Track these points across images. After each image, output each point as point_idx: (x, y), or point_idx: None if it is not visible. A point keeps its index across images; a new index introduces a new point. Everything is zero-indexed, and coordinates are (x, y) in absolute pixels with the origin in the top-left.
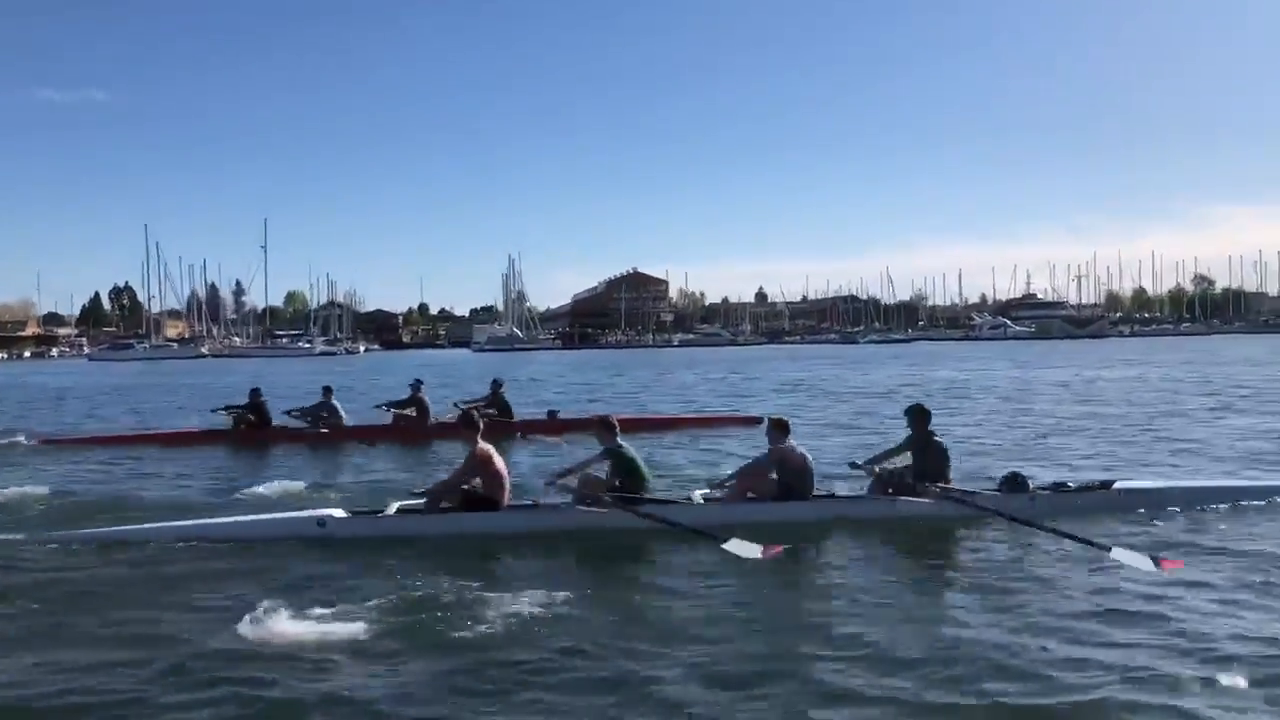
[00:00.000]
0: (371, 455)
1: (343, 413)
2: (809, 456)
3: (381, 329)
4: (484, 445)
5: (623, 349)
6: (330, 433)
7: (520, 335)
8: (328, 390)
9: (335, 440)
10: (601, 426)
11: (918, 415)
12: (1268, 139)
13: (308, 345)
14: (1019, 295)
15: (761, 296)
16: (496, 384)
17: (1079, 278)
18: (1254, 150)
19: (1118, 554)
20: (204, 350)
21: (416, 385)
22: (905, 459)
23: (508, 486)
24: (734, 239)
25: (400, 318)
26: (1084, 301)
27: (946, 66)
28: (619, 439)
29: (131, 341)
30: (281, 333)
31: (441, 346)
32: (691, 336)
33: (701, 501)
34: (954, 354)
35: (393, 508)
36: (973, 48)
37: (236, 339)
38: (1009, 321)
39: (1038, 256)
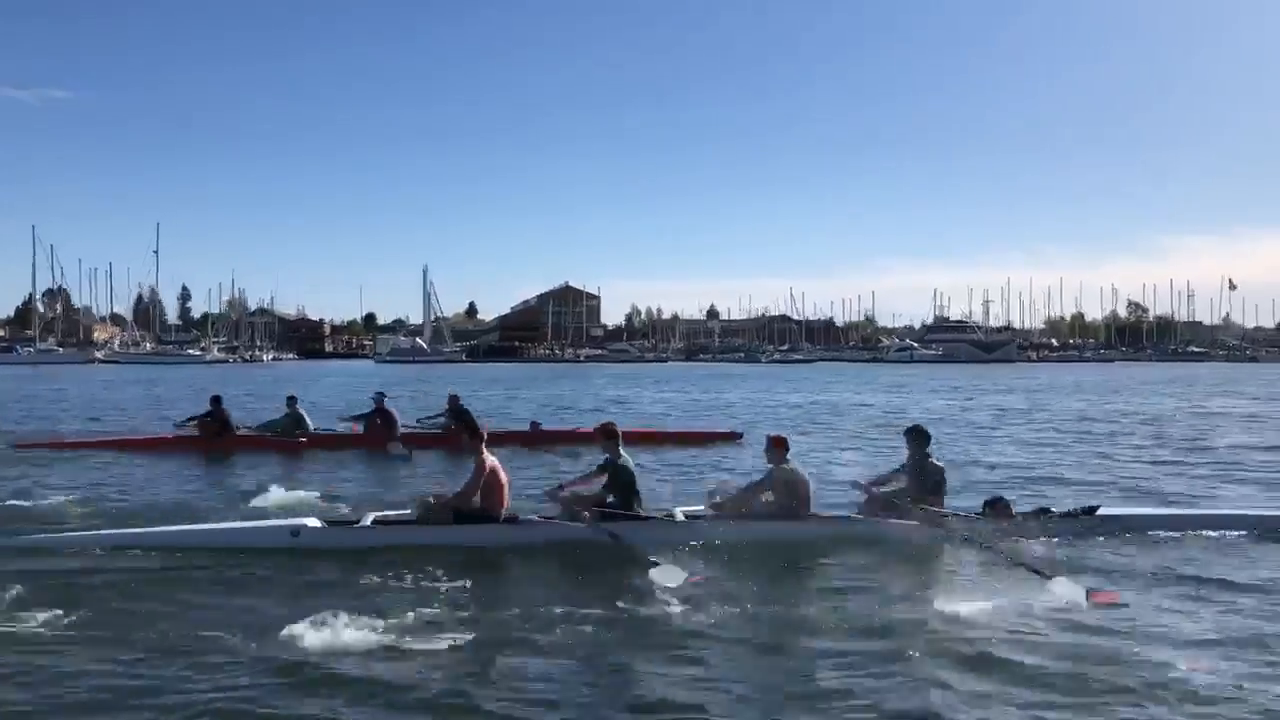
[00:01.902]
0: (338, 464)
1: (309, 421)
2: (808, 478)
3: (307, 338)
4: (488, 455)
5: (532, 363)
6: (294, 442)
7: (424, 347)
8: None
9: (300, 449)
10: (604, 435)
11: (915, 436)
12: (1219, 169)
13: (198, 353)
14: (948, 319)
15: (713, 314)
16: (454, 398)
17: (987, 303)
18: (1207, 180)
19: (1056, 585)
20: (98, 355)
21: (379, 397)
22: (901, 481)
23: (507, 498)
24: (711, 256)
25: (328, 326)
26: (1023, 326)
27: (917, 93)
28: (621, 449)
29: (15, 345)
30: (174, 340)
31: (365, 357)
32: (600, 352)
33: (681, 518)
34: (817, 375)
35: (368, 518)
36: (945, 76)
37: (147, 345)
38: (916, 345)
39: (996, 281)
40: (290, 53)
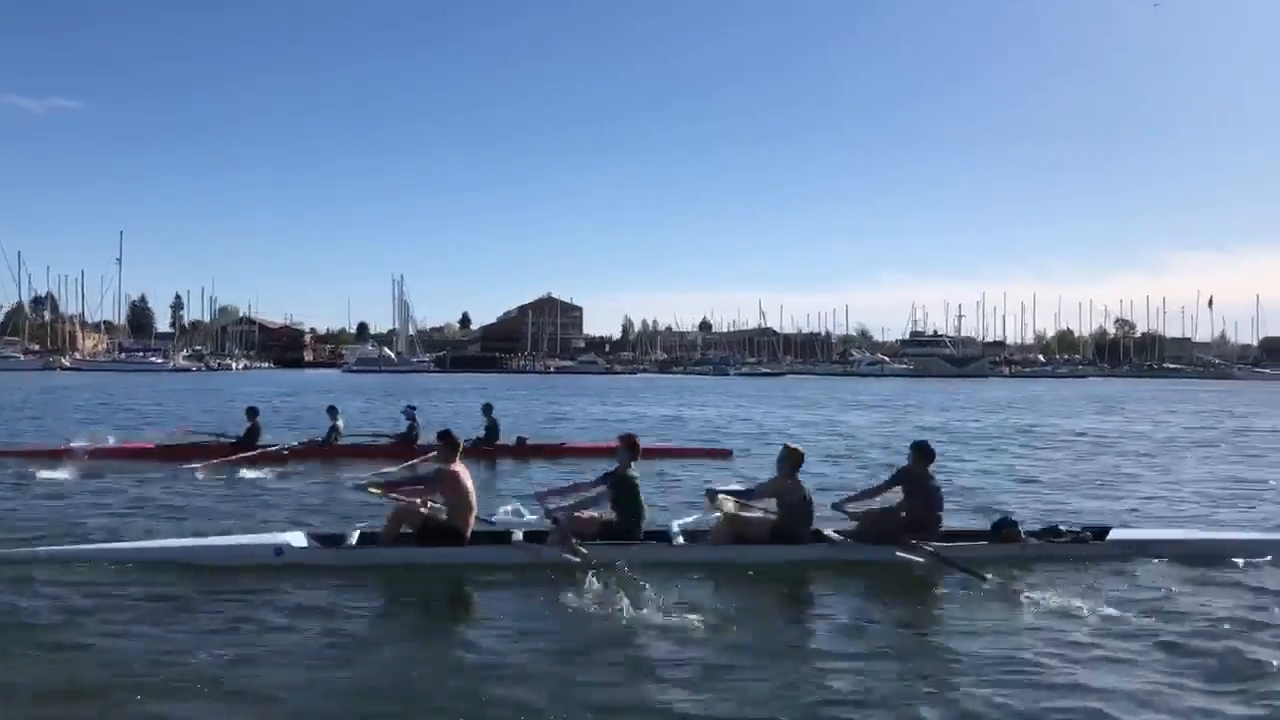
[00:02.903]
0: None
1: (341, 429)
2: (811, 498)
3: (287, 347)
4: (457, 466)
5: (502, 374)
6: (314, 452)
7: (391, 357)
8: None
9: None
10: (625, 446)
11: (922, 452)
12: (1223, 185)
13: (160, 360)
14: (931, 332)
15: (705, 326)
16: (488, 408)
17: (960, 317)
18: (1208, 197)
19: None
20: (64, 363)
21: (410, 411)
22: (888, 499)
23: (474, 513)
24: (710, 268)
25: (309, 336)
26: (1018, 341)
27: (916, 104)
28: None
29: None
30: (136, 347)
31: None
32: (568, 363)
33: (679, 533)
34: (760, 388)
35: (354, 536)
36: (946, 87)
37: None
38: (886, 359)
39: (981, 295)
40: (294, 64)
